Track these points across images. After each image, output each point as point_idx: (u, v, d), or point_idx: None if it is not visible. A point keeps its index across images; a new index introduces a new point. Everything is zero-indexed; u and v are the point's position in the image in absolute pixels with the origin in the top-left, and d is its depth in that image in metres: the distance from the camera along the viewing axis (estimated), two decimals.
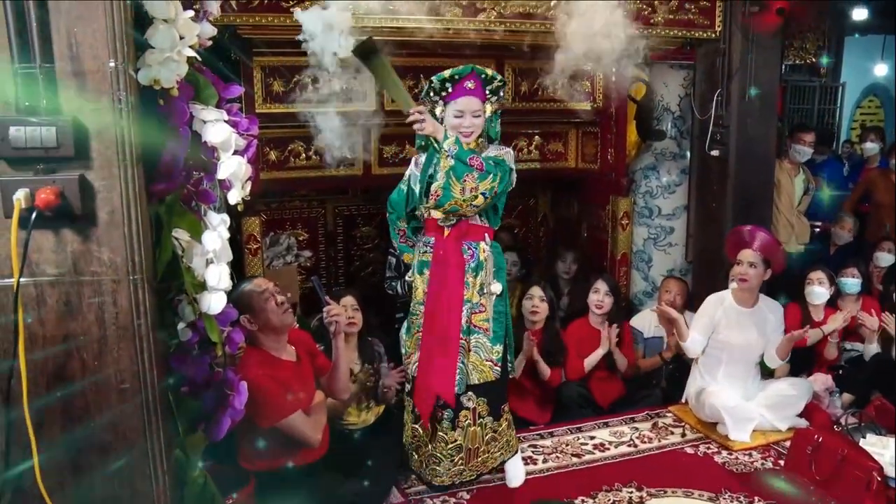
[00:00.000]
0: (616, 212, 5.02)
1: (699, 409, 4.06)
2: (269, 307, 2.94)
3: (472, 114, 3.07)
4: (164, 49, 1.63)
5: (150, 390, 1.65)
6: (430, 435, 3.20)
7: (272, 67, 4.07)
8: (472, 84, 3.06)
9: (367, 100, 4.30)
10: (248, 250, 4.08)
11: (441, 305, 3.11)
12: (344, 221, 5.20)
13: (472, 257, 3.10)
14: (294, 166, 4.31)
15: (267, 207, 4.78)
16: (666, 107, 5.09)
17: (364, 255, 5.27)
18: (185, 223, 1.80)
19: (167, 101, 1.70)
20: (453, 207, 2.97)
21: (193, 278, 1.82)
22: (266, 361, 2.94)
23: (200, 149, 1.82)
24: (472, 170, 2.92)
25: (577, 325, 4.47)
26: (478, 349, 3.12)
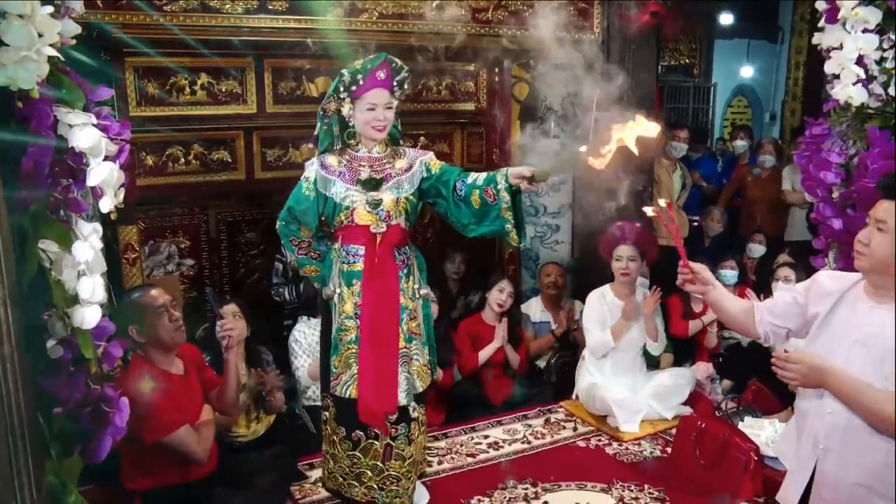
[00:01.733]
0: None
1: (590, 404, 4.19)
2: (161, 322, 2.83)
3: (385, 106, 2.90)
4: (20, 47, 1.53)
5: (17, 414, 1.54)
6: (383, 456, 2.97)
7: (146, 68, 3.92)
8: (383, 74, 2.88)
9: (248, 102, 4.22)
10: (125, 260, 3.91)
11: (381, 317, 2.92)
12: (227, 227, 5.05)
13: (404, 263, 3.00)
14: (173, 171, 4.18)
15: (145, 215, 4.59)
16: (549, 106, 5.20)
17: (249, 261, 5.13)
18: (53, 234, 1.71)
19: (27, 103, 1.60)
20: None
21: (64, 292, 1.73)
22: (152, 374, 2.82)
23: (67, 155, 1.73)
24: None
25: (470, 322, 4.52)
26: (417, 356, 3.00)
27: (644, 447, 3.88)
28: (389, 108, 2.93)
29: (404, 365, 2.96)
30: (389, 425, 2.95)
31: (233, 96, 4.17)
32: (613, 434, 4.01)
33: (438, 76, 4.88)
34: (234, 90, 4.17)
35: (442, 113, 4.97)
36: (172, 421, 2.78)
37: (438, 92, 4.90)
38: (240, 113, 4.21)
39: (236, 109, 4.20)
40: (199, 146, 4.22)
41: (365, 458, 2.96)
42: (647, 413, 4.10)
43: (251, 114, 4.25)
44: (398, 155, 3.04)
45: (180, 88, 4.01)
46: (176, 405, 2.83)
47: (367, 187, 2.92)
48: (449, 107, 4.98)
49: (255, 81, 4.23)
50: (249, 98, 4.22)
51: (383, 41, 4.04)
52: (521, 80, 5.07)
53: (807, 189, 3.40)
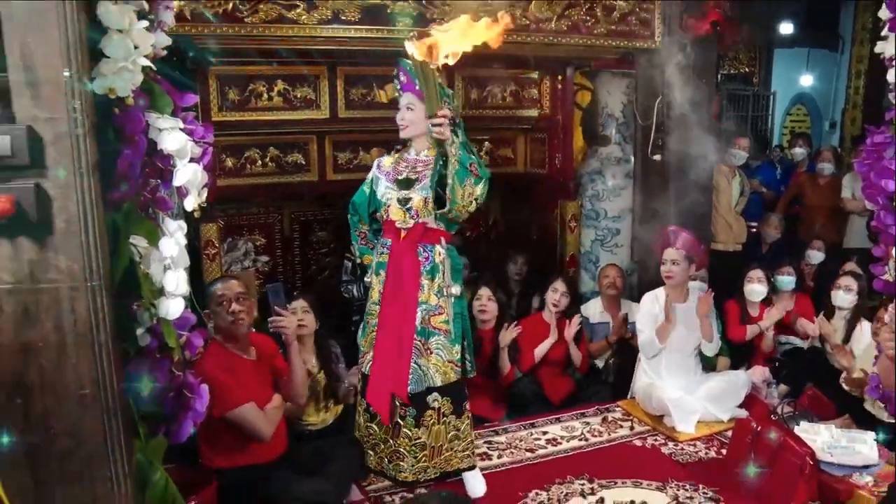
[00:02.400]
0: (564, 215, 5.07)
1: (646, 403, 4.14)
2: (220, 311, 2.95)
3: (406, 107, 3.05)
4: (118, 59, 1.60)
5: (110, 396, 1.62)
6: (393, 432, 3.18)
7: (227, 76, 4.03)
8: (403, 77, 3.05)
9: (321, 108, 4.30)
10: (206, 256, 4.02)
11: (395, 306, 3.09)
12: (300, 227, 5.15)
13: (428, 259, 3.08)
14: (250, 173, 4.29)
15: (224, 213, 4.72)
16: (610, 113, 5.16)
17: (320, 259, 5.22)
18: (143, 230, 1.77)
19: (123, 109, 1.67)
20: (456, 214, 2.97)
21: (151, 284, 1.79)
22: (221, 355, 2.95)
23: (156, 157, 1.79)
24: (470, 175, 2.91)
25: (530, 320, 4.52)
26: (439, 351, 3.09)
27: (699, 448, 3.81)
28: (411, 108, 3.04)
29: (418, 356, 3.07)
30: (398, 407, 3.13)
31: (307, 102, 4.26)
32: (669, 434, 3.94)
33: (503, 83, 4.91)
34: (308, 96, 4.25)
35: (506, 119, 4.98)
36: (238, 398, 2.87)
37: (503, 98, 4.92)
38: (313, 118, 4.30)
39: (310, 115, 4.28)
40: (274, 149, 4.33)
41: (378, 431, 3.21)
42: (703, 415, 4.01)
43: (324, 119, 4.33)
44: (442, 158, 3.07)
45: (258, 95, 4.12)
46: (243, 385, 2.92)
47: (400, 186, 3.08)
48: (513, 113, 4.99)
49: (328, 88, 4.32)
50: (322, 104, 4.31)
51: None
52: (583, 87, 5.05)
53: (867, 197, 3.27)
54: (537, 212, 5.37)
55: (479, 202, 2.99)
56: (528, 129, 5.13)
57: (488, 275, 5.10)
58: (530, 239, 5.44)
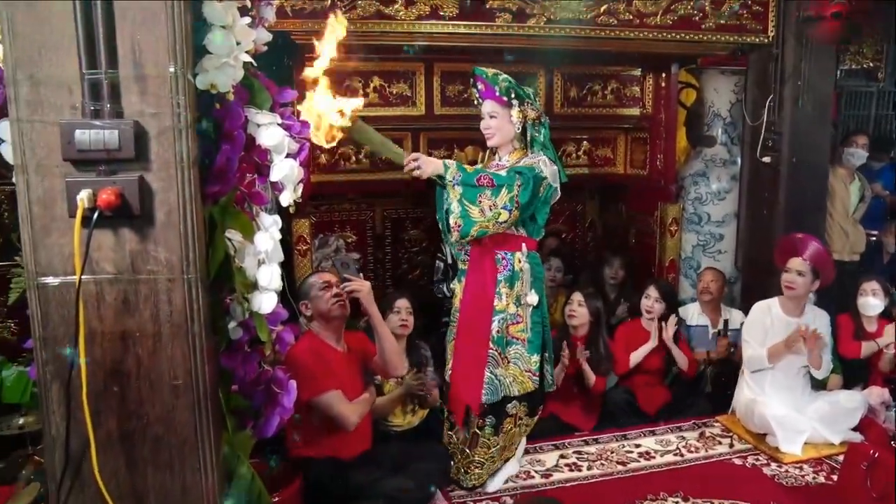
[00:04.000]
0: (665, 218, 4.97)
1: (748, 420, 3.98)
2: (323, 295, 3.07)
3: (489, 115, 3.12)
4: (221, 54, 1.66)
5: (202, 387, 1.68)
6: (471, 442, 3.22)
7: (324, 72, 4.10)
8: (481, 86, 3.12)
9: (417, 105, 4.35)
10: (297, 251, 4.13)
11: (472, 314, 3.15)
12: (392, 224, 5.23)
13: (507, 267, 3.10)
14: (343, 169, 4.37)
15: (316, 210, 4.84)
16: (716, 112, 5.02)
17: (412, 258, 5.28)
18: (238, 224, 1.83)
19: (223, 104, 1.73)
20: (481, 231, 2.96)
21: (245, 278, 1.84)
22: (316, 345, 3.08)
23: (254, 151, 1.85)
24: (483, 188, 2.91)
25: (627, 326, 4.48)
26: (517, 360, 3.12)
27: (806, 472, 3.65)
28: (493, 116, 3.10)
29: (495, 366, 3.10)
30: (475, 418, 3.15)
31: (402, 99, 4.33)
32: (772, 454, 3.79)
33: (604, 81, 4.85)
34: (404, 93, 4.32)
35: (606, 118, 4.93)
36: (326, 385, 2.99)
37: (603, 97, 4.86)
38: (408, 114, 4.36)
39: (405, 111, 4.35)
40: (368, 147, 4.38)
41: (457, 441, 3.26)
42: (811, 436, 3.83)
43: (419, 115, 4.39)
44: (520, 161, 3.13)
45: (354, 91, 4.19)
46: (331, 373, 3.03)
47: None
48: (613, 112, 4.93)
49: (423, 84, 4.37)
50: (418, 100, 4.37)
51: (550, 46, 4.04)
52: (688, 85, 4.93)
53: None
54: (636, 214, 5.29)
55: (510, 208, 2.96)
56: (629, 128, 5.06)
57: (585, 279, 5.06)
58: (628, 242, 5.36)
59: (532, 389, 3.16)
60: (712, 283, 4.68)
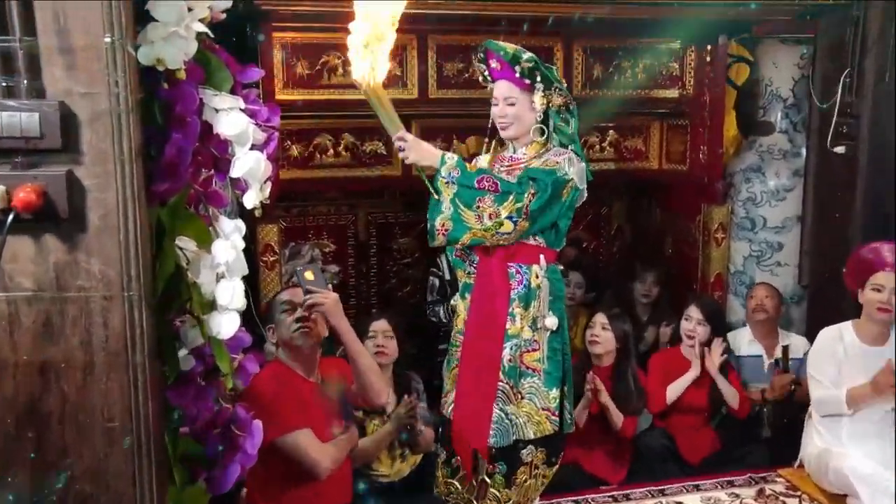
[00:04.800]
0: (709, 223, 4.97)
1: (820, 476, 3.88)
2: (283, 320, 3.07)
3: (505, 101, 3.07)
4: (169, 22, 1.64)
5: (144, 430, 1.65)
6: (478, 492, 3.18)
7: (295, 46, 4.13)
8: (495, 64, 3.06)
9: (408, 87, 4.36)
10: (263, 263, 4.12)
11: (479, 339, 3.11)
12: (378, 231, 5.23)
13: (521, 283, 3.07)
14: (320, 164, 4.36)
15: (287, 213, 4.84)
16: (775, 93, 5.00)
17: (401, 271, 5.29)
18: (192, 230, 1.81)
19: (173, 84, 1.72)
20: (475, 240, 2.94)
21: (200, 296, 1.82)
22: (283, 374, 3.06)
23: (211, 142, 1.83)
24: (484, 192, 2.89)
25: (663, 354, 4.46)
26: (532, 396, 3.08)
27: None
28: (511, 102, 3.05)
29: (506, 402, 3.06)
30: (484, 463, 3.10)
31: (391, 78, 4.21)
32: None
33: (634, 56, 4.82)
34: (392, 71, 4.26)
35: (637, 101, 4.91)
36: (292, 421, 2.95)
37: (634, 75, 4.83)
38: (398, 98, 4.25)
39: (394, 94, 4.21)
40: (350, 136, 4.38)
41: (461, 490, 3.19)
42: None
43: (411, 99, 4.37)
44: (541, 156, 3.10)
45: (332, 69, 4.19)
46: (299, 407, 3.00)
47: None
48: (646, 94, 4.92)
49: (416, 62, 4.36)
50: (410, 81, 4.37)
51: (569, 12, 4.05)
52: (739, 59, 4.91)
53: None
54: (674, 219, 5.29)
55: (517, 219, 2.92)
56: (666, 114, 5.06)
57: (608, 296, 5.04)
58: (664, 253, 5.37)
59: (550, 432, 3.13)
60: (767, 300, 4.66)
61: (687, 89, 4.93)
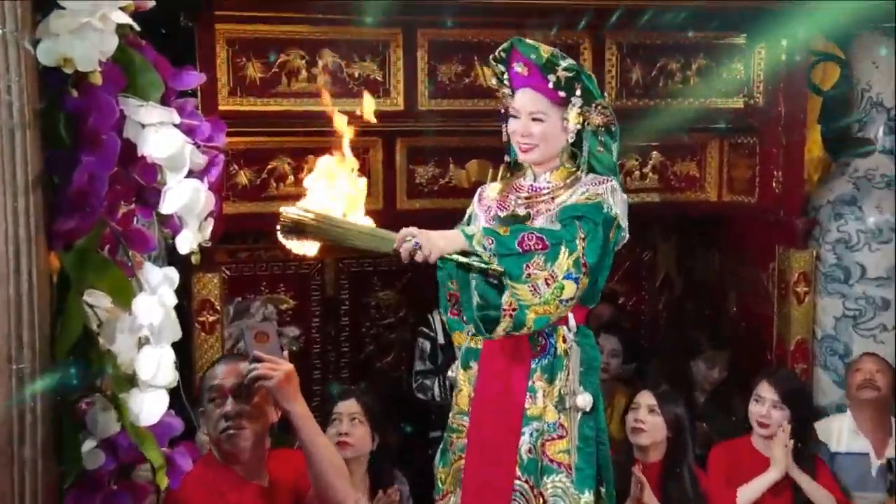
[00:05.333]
0: (787, 273, 4.97)
1: None
2: (212, 413, 2.99)
3: (530, 115, 3.04)
4: (79, 11, 1.65)
5: None
6: None
7: (245, 41, 4.16)
8: (521, 67, 3.03)
9: (391, 95, 4.37)
10: (200, 325, 4.10)
11: (489, 422, 3.11)
12: (352, 282, 5.24)
13: (545, 350, 3.06)
14: (277, 195, 4.36)
15: (233, 259, 4.87)
16: (875, 100, 5.03)
17: (381, 334, 5.29)
18: (106, 281, 1.81)
19: (84, 92, 1.72)
20: (540, 319, 2.88)
21: (116, 368, 1.82)
22: (215, 476, 2.98)
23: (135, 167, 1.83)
24: (531, 255, 2.86)
25: (729, 447, 4.40)
26: (558, 500, 3.04)
27: None
28: (539, 119, 3.02)
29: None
30: None
31: (369, 85, 4.31)
32: None
33: (683, 55, 4.88)
34: (371, 76, 4.34)
35: (688, 114, 4.91)
36: None
37: (684, 80, 4.87)
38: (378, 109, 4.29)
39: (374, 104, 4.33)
40: (315, 158, 4.31)
41: None
42: None
43: (395, 111, 4.40)
44: (572, 185, 3.09)
45: (293, 71, 4.23)
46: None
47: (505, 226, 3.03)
48: (701, 104, 4.95)
49: (402, 63, 4.38)
50: (394, 88, 4.40)
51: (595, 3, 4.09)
52: (826, 57, 4.96)
53: None
54: (740, 267, 5.31)
55: (576, 276, 2.89)
56: (726, 129, 5.10)
57: (654, 368, 5.03)
58: (726, 311, 5.38)
59: None
60: (878, 376, 4.57)
61: (755, 97, 4.97)
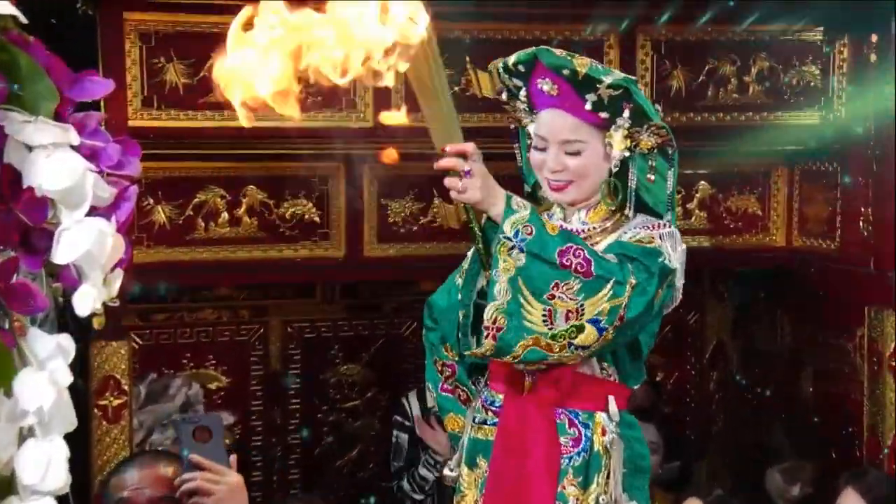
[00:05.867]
0: (880, 342, 4.98)
1: None
2: None
3: (561, 145, 3.01)
4: None
5: None
6: None
7: (164, 37, 4.20)
8: (548, 85, 2.99)
9: (358, 109, 4.42)
10: (101, 411, 4.09)
11: None
12: (304, 350, 5.25)
13: (579, 444, 3.05)
14: (203, 238, 4.39)
15: (145, 322, 4.88)
16: None
17: (342, 423, 5.31)
18: None
19: None
20: (533, 354, 2.87)
21: None
22: None
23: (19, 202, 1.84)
24: (568, 273, 2.85)
25: None
26: None
27: None
28: (575, 151, 3.00)
29: None
30: None
31: (327, 96, 4.29)
32: None
33: (739, 56, 4.93)
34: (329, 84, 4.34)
35: (746, 133, 4.97)
36: None
37: (743, 89, 4.91)
38: (340, 126, 4.39)
39: (332, 120, 4.39)
40: (257, 190, 4.43)
41: None
42: None
43: (362, 128, 4.42)
44: (615, 229, 3.09)
45: None
46: None
47: None
48: (763, 119, 5.01)
49: None
50: (360, 98, 4.42)
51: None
52: None
53: None
54: (816, 333, 5.33)
55: (604, 326, 2.87)
56: (796, 153, 5.17)
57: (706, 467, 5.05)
58: (800, 393, 5.40)
59: None
60: None
61: (836, 110, 5.01)
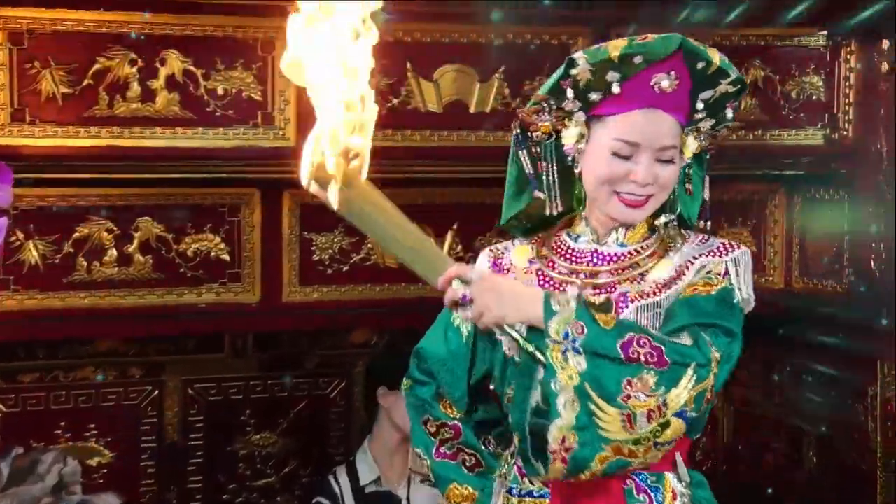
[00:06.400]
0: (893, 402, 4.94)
1: None
2: None
3: (657, 153, 2.93)
4: None
5: None
6: None
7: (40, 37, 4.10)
8: (668, 80, 2.90)
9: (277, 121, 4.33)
10: None
11: None
12: (208, 418, 5.21)
13: None
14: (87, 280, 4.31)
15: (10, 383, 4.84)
16: None
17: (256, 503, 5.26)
18: None
19: None
20: (615, 464, 2.80)
21: None
22: None
23: None
24: (639, 367, 2.77)
25: None
26: None
27: None
28: (669, 159, 2.93)
29: None
30: None
31: (242, 105, 4.28)
32: None
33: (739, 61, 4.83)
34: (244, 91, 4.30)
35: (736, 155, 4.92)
36: None
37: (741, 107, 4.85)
38: (254, 146, 4.33)
39: (245, 138, 4.32)
40: (151, 222, 4.35)
41: None
42: None
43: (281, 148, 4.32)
44: (664, 251, 3.05)
45: (118, 86, 4.16)
46: None
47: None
48: (757, 138, 5.02)
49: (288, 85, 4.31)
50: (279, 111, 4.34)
51: None
52: None
53: None
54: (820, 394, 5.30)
55: (691, 417, 2.83)
56: (797, 179, 5.19)
57: None
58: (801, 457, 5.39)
59: None
60: None
61: (842, 128, 5.01)
